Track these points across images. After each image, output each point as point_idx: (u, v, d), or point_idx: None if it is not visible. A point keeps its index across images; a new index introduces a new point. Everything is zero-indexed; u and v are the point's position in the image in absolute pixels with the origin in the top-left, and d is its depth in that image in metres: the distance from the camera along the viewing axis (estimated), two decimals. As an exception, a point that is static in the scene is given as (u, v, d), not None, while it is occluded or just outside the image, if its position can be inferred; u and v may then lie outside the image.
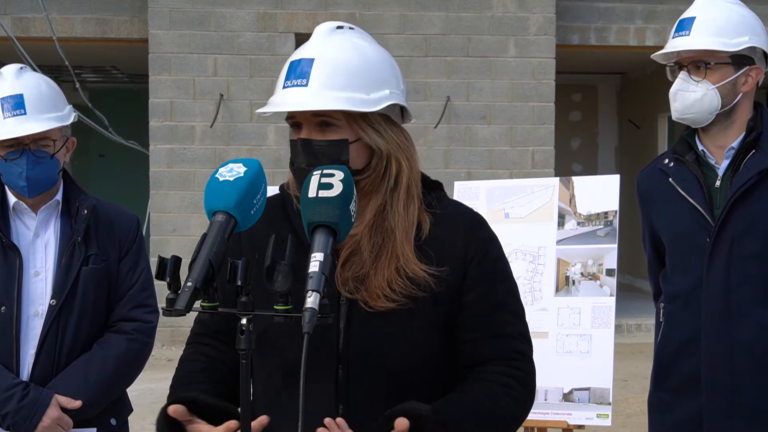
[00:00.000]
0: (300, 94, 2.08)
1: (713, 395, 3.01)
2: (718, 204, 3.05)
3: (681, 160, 3.13)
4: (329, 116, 2.10)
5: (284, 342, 2.08)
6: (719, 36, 3.04)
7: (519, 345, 2.18)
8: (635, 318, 11.91)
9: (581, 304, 4.38)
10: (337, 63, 2.10)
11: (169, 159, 10.60)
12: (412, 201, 2.15)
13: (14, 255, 3.04)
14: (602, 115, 15.37)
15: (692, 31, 3.07)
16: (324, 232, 1.85)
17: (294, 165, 2.14)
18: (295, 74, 2.11)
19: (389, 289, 2.06)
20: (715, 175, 3.09)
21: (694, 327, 3.05)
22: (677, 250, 3.14)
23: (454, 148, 10.77)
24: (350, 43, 2.15)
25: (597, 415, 4.26)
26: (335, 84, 2.08)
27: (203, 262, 1.77)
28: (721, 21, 3.07)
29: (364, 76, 2.11)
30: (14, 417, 2.96)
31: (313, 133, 2.11)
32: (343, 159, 2.09)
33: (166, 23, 10.55)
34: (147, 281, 3.20)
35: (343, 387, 2.07)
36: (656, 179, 3.21)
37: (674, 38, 3.12)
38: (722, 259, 3.00)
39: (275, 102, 2.14)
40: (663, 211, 3.19)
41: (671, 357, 3.13)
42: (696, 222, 3.05)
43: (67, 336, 3.06)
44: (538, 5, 10.78)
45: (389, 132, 2.15)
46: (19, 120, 3.01)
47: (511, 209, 4.58)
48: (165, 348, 10.23)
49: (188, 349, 2.30)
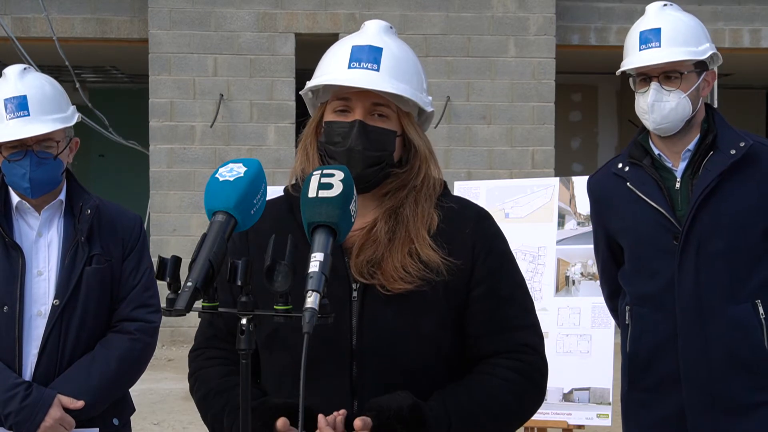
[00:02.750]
0: (374, 76, 2.13)
1: (693, 391, 3.09)
2: (679, 206, 3.12)
3: (637, 164, 3.20)
4: (387, 106, 2.16)
5: (296, 339, 2.08)
6: (687, 45, 3.13)
7: (526, 337, 2.18)
8: (635, 318, 11.89)
9: (581, 304, 4.39)
10: (402, 57, 2.20)
11: (169, 159, 10.60)
12: (430, 200, 2.21)
13: (17, 255, 3.04)
14: (602, 115, 15.37)
15: (663, 43, 3.12)
16: (324, 232, 1.86)
17: (337, 146, 2.15)
18: (364, 57, 2.16)
19: (404, 272, 2.08)
20: (674, 177, 3.16)
21: (669, 328, 3.12)
22: (640, 253, 3.20)
23: (454, 148, 10.77)
24: (405, 44, 2.26)
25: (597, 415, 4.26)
26: (402, 76, 2.16)
27: (203, 262, 1.77)
28: (684, 30, 3.16)
29: (418, 76, 2.22)
30: (17, 417, 2.97)
31: (367, 118, 2.15)
32: (390, 149, 2.17)
33: (166, 23, 10.55)
34: (150, 281, 3.20)
35: (357, 382, 2.09)
36: (611, 184, 3.27)
37: (643, 50, 3.16)
38: (691, 260, 3.08)
39: (345, 78, 2.15)
40: (621, 215, 3.24)
41: (646, 358, 3.20)
42: (659, 225, 3.12)
43: (70, 336, 3.06)
44: (538, 5, 10.78)
45: (423, 135, 2.25)
46: (23, 121, 3.01)
47: (511, 209, 4.58)
48: (165, 348, 10.23)
49: (201, 353, 2.27)
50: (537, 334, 2.21)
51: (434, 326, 2.12)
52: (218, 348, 2.24)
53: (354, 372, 2.09)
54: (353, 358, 2.09)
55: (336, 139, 2.15)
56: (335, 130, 2.16)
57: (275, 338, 2.10)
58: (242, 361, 1.82)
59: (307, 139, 2.25)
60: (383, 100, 2.15)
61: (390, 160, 2.17)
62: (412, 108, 2.20)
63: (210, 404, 2.18)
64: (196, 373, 2.25)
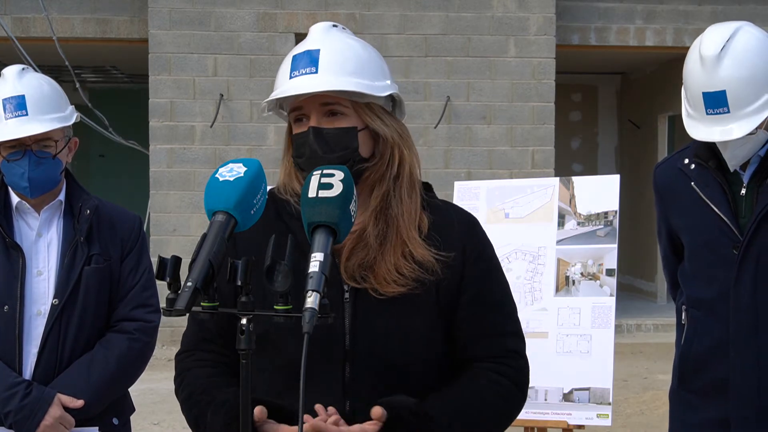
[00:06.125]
0: (311, 80, 2.11)
1: (739, 402, 3.02)
2: (743, 213, 2.99)
3: (703, 165, 3.05)
4: (338, 104, 2.13)
5: (286, 342, 2.09)
6: (755, 102, 2.85)
7: (511, 343, 2.21)
8: (635, 318, 11.91)
9: (581, 304, 4.38)
10: (343, 52, 2.16)
11: (169, 159, 10.60)
12: (414, 189, 2.19)
13: (17, 254, 3.04)
14: (602, 115, 15.37)
15: (731, 108, 2.84)
16: (324, 232, 1.86)
17: (303, 157, 2.15)
18: (302, 64, 2.14)
19: (397, 274, 2.08)
20: (740, 182, 3.01)
21: (720, 336, 3.04)
22: (700, 256, 3.10)
23: (454, 148, 10.77)
24: (349, 38, 2.21)
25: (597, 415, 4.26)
26: (344, 70, 2.13)
27: (203, 262, 1.77)
28: (746, 87, 2.85)
29: (368, 64, 2.17)
30: (16, 416, 2.97)
31: (321, 122, 2.14)
32: (353, 146, 2.14)
33: (166, 23, 10.55)
34: (149, 281, 3.20)
35: (350, 385, 2.09)
36: (676, 178, 3.15)
37: (711, 115, 2.88)
38: (750, 273, 2.97)
39: (285, 89, 2.15)
40: (684, 213, 3.13)
41: (696, 362, 3.14)
42: (721, 231, 3.00)
43: (69, 335, 3.06)
44: (538, 5, 10.78)
45: (392, 122, 2.21)
46: (21, 121, 3.02)
47: (511, 209, 4.58)
48: (165, 348, 10.23)
49: (190, 355, 2.26)
50: (520, 339, 2.24)
51: (426, 328, 2.13)
52: (207, 350, 2.23)
53: (347, 374, 2.09)
54: (346, 359, 2.09)
55: (299, 150, 2.16)
56: (296, 142, 2.17)
57: (265, 341, 2.08)
58: (242, 361, 1.82)
59: (286, 155, 2.25)
60: (332, 99, 2.13)
61: (356, 157, 2.15)
62: (370, 97, 2.16)
63: (194, 402, 2.15)
64: (182, 374, 2.23)
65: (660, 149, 13.29)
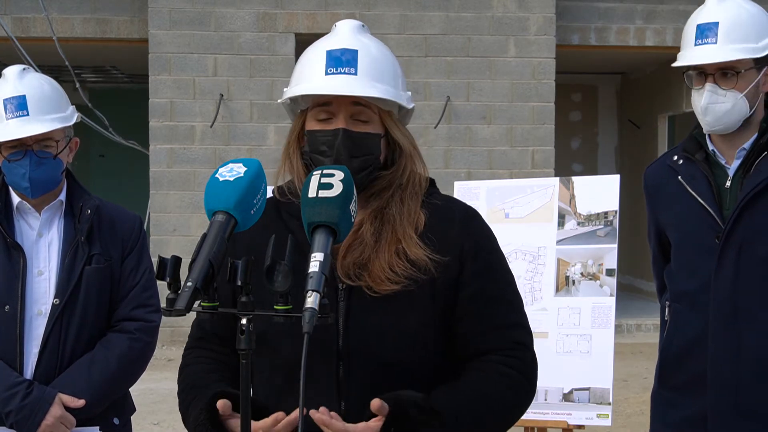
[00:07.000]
0: (351, 81, 2.11)
1: (718, 396, 2.99)
2: (727, 205, 3.01)
3: (691, 159, 3.09)
4: (368, 108, 2.14)
5: (284, 342, 2.09)
6: (746, 41, 2.95)
7: (518, 335, 2.19)
8: (635, 318, 11.91)
9: (581, 304, 4.39)
10: (379, 58, 2.16)
11: (169, 159, 10.61)
12: (415, 197, 2.20)
13: (18, 254, 3.05)
14: (602, 115, 15.37)
15: (719, 39, 2.95)
16: (324, 232, 1.86)
17: (324, 155, 2.13)
18: (339, 62, 2.12)
19: (391, 272, 2.08)
20: (726, 175, 3.04)
21: (700, 328, 3.02)
22: (684, 249, 3.12)
23: (454, 148, 10.77)
24: (380, 43, 2.22)
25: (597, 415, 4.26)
26: (381, 77, 2.13)
27: (203, 262, 1.77)
28: (745, 24, 2.97)
29: (396, 74, 2.19)
30: (17, 415, 2.97)
31: (349, 124, 2.13)
32: (376, 153, 2.16)
33: (166, 23, 10.55)
34: (149, 281, 3.20)
35: (344, 383, 2.09)
36: (664, 175, 3.17)
37: (698, 46, 3.01)
38: (731, 262, 2.97)
39: (320, 86, 2.13)
40: (670, 209, 3.15)
41: (676, 356, 3.12)
42: (704, 222, 3.02)
43: (70, 335, 3.06)
44: (538, 5, 10.78)
45: (406, 131, 2.23)
46: (22, 121, 3.02)
47: (511, 209, 4.58)
48: (165, 348, 10.23)
49: (190, 353, 2.30)
50: (528, 332, 2.23)
51: (420, 325, 2.12)
52: (205, 348, 2.27)
53: (341, 373, 2.09)
54: (340, 358, 2.09)
55: (321, 148, 2.15)
56: (319, 139, 2.15)
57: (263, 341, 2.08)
58: (242, 361, 1.82)
59: (290, 148, 2.24)
60: (364, 103, 2.13)
61: (377, 164, 2.17)
62: (392, 106, 2.18)
63: (183, 398, 2.19)
64: (181, 371, 2.28)
65: (660, 149, 13.28)
